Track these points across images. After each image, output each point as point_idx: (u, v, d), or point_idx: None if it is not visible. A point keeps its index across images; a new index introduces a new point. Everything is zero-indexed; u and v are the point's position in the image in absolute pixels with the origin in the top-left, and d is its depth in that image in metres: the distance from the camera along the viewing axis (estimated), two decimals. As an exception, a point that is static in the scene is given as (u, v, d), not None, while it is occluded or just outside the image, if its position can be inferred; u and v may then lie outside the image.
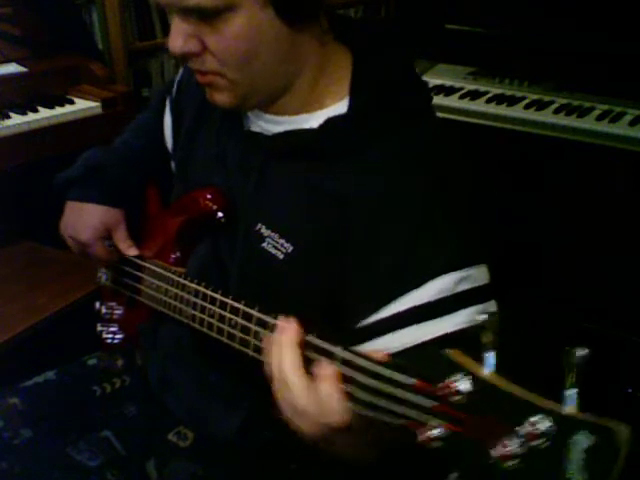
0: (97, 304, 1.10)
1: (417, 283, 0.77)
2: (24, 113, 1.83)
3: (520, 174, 2.08)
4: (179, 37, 0.79)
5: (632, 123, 1.91)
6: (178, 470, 1.03)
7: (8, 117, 1.80)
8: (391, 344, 0.78)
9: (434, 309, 0.77)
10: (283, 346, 0.68)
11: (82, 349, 1.23)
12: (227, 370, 0.97)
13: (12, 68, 1.95)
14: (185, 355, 1.05)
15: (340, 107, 0.84)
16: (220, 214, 0.94)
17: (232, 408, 0.98)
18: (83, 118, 1.93)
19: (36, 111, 1.86)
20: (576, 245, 2.11)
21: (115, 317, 1.09)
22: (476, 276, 0.79)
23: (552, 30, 2.11)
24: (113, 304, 1.09)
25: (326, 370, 0.65)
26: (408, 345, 0.77)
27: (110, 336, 1.07)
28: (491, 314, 0.53)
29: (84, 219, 1.06)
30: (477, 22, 2.23)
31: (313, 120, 0.85)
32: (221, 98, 0.85)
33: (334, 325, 0.83)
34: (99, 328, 1.08)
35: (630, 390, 1.92)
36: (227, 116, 0.93)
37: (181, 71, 1.11)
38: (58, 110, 1.90)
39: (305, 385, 0.66)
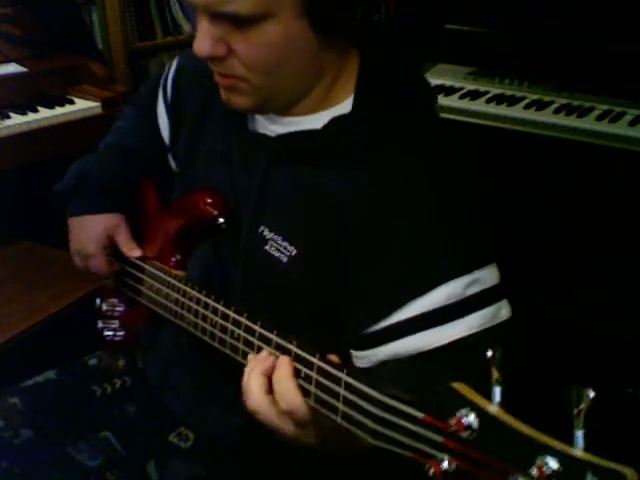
0: (97, 300, 1.10)
1: (425, 289, 0.77)
2: (24, 113, 1.83)
3: (520, 174, 2.07)
4: (207, 40, 0.77)
5: (632, 123, 1.91)
6: (179, 471, 1.03)
7: (8, 117, 1.80)
8: (401, 350, 0.78)
9: (444, 314, 0.76)
10: (285, 379, 0.70)
11: (82, 349, 1.23)
12: (227, 371, 0.97)
13: (12, 68, 1.95)
14: (185, 356, 1.05)
15: (345, 106, 0.84)
16: (221, 219, 0.93)
17: (233, 409, 0.98)
18: (83, 118, 1.94)
19: (36, 111, 1.86)
20: (576, 245, 2.10)
21: (117, 314, 1.08)
22: (485, 278, 0.78)
23: (552, 30, 2.11)
24: (114, 301, 1.09)
25: None
26: (421, 349, 0.77)
27: (111, 333, 1.06)
28: (497, 349, 0.52)
29: (87, 231, 1.08)
30: (477, 22, 2.22)
31: (319, 120, 0.84)
32: (239, 101, 0.84)
33: (335, 328, 0.83)
34: (100, 325, 1.07)
35: (630, 390, 1.92)
36: (233, 114, 0.92)
37: (175, 65, 1.09)
38: (58, 110, 1.90)
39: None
